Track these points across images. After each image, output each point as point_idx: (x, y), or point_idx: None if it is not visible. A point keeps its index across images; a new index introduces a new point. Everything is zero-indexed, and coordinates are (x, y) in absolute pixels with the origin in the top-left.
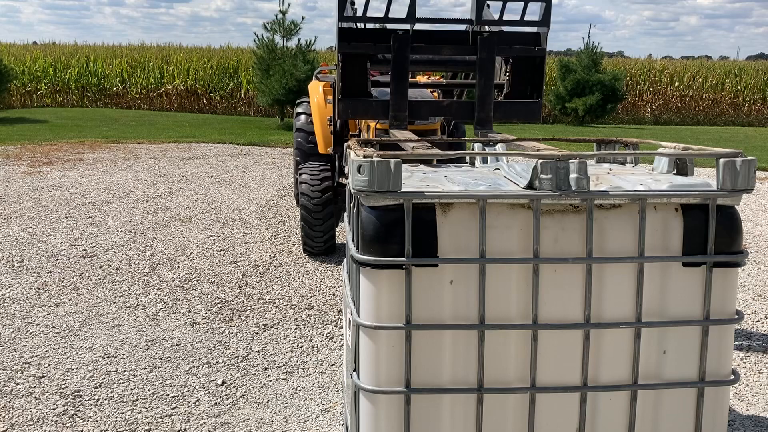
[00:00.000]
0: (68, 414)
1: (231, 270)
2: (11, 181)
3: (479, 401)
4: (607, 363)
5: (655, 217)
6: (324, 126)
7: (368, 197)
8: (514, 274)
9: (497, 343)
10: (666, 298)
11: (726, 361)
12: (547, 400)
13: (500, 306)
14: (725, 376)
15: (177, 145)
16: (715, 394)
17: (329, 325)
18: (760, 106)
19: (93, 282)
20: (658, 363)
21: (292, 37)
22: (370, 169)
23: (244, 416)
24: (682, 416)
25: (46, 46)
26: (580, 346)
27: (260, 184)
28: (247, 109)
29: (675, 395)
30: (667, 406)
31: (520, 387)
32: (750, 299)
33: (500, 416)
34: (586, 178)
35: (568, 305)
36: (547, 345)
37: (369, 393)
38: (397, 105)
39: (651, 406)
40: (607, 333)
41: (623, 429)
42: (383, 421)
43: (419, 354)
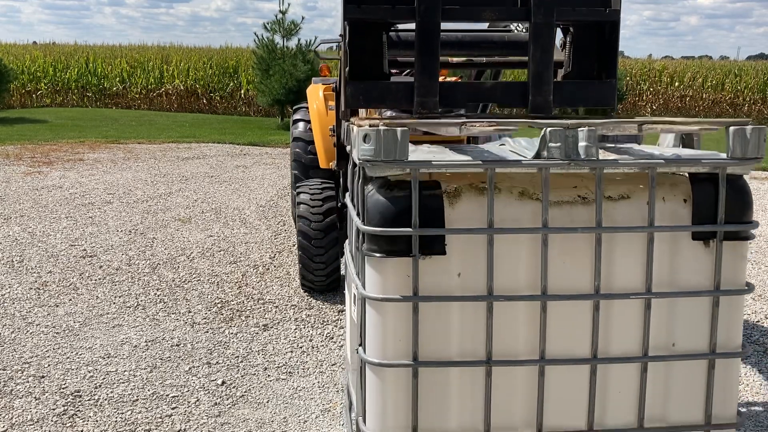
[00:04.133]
0: (68, 414)
1: (231, 270)
2: (11, 181)
3: (488, 374)
4: (617, 335)
5: (665, 190)
6: (325, 137)
7: (374, 167)
8: (523, 251)
9: (506, 316)
10: (676, 270)
11: (736, 333)
12: (556, 373)
13: (509, 278)
14: (735, 348)
15: (177, 145)
16: (725, 367)
17: (329, 325)
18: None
19: (93, 282)
20: (668, 335)
21: (292, 37)
22: (376, 138)
23: (244, 416)
24: (692, 388)
25: (46, 46)
26: (589, 317)
27: (260, 184)
28: (247, 109)
29: (685, 367)
30: (677, 378)
31: (529, 359)
32: (750, 299)
33: (509, 389)
34: (595, 146)
35: (578, 277)
36: (556, 317)
37: (376, 367)
38: (424, 88)
39: (661, 379)
40: (617, 305)
41: (634, 401)
42: (390, 395)
43: (427, 327)
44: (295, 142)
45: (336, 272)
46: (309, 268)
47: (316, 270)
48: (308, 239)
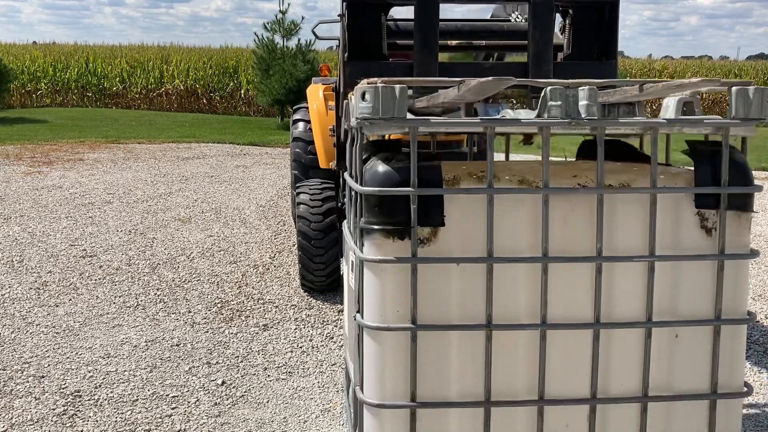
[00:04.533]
0: (68, 414)
1: (231, 270)
2: (11, 181)
3: (488, 338)
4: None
5: (666, 180)
6: (325, 137)
7: (372, 126)
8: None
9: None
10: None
11: (742, 300)
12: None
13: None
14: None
15: (177, 145)
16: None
17: (329, 325)
18: None
19: (93, 282)
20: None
21: (292, 37)
22: (374, 95)
23: (244, 416)
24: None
25: (46, 46)
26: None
27: (260, 184)
28: (247, 109)
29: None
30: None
31: (530, 323)
32: (750, 299)
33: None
34: (596, 105)
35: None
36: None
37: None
38: (424, 66)
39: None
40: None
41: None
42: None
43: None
44: (295, 142)
45: (336, 272)
46: (309, 269)
47: (316, 270)
48: (308, 239)
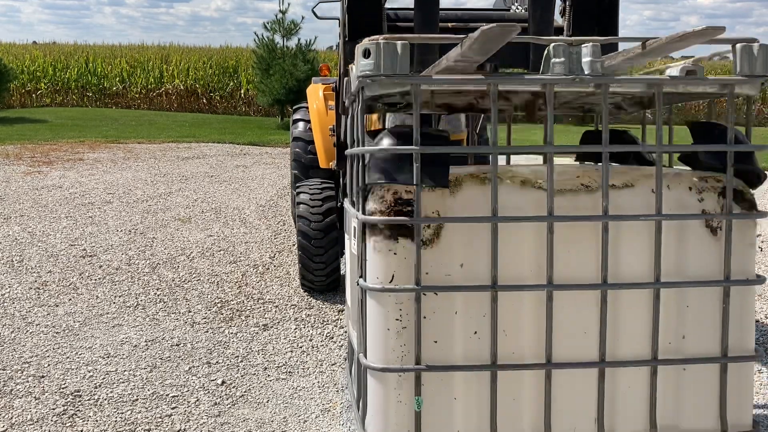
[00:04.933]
0: (68, 414)
1: (231, 270)
2: (11, 181)
3: (493, 299)
4: (626, 336)
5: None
6: (325, 136)
7: (374, 84)
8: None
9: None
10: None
11: (748, 334)
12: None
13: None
14: (748, 351)
15: (177, 145)
16: (738, 370)
17: (329, 324)
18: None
19: (93, 282)
20: (678, 337)
21: (292, 37)
22: (376, 52)
23: (243, 416)
24: (705, 393)
25: (46, 46)
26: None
27: (260, 184)
28: (247, 108)
29: (697, 371)
30: (689, 382)
31: (536, 284)
32: None
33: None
34: (600, 62)
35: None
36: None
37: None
38: (424, 45)
39: (672, 383)
40: (625, 302)
41: (644, 407)
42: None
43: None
44: (295, 141)
45: (336, 272)
46: (309, 268)
47: (316, 270)
48: (308, 239)
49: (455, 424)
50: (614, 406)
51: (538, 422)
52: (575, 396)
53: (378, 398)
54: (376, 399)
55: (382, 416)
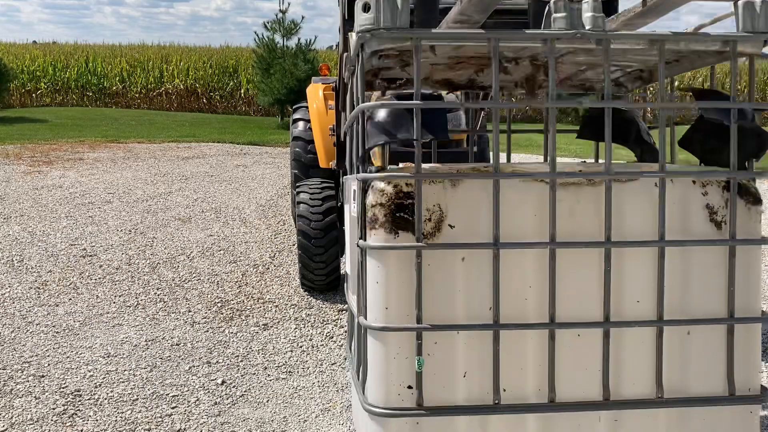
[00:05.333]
0: (68, 413)
1: (231, 269)
2: (11, 181)
3: (495, 257)
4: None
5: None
6: (325, 136)
7: (374, 39)
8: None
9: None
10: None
11: (755, 296)
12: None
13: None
14: (755, 313)
15: (177, 145)
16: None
17: (329, 324)
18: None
19: (93, 281)
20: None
21: (292, 37)
22: (376, 6)
23: (244, 416)
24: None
25: (46, 46)
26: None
27: (260, 184)
28: (247, 108)
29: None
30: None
31: (538, 242)
32: None
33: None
34: (601, 17)
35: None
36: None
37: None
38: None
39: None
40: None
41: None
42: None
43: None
44: (295, 141)
45: (336, 271)
46: (309, 267)
47: (316, 269)
48: (308, 238)
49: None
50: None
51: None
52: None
53: (378, 361)
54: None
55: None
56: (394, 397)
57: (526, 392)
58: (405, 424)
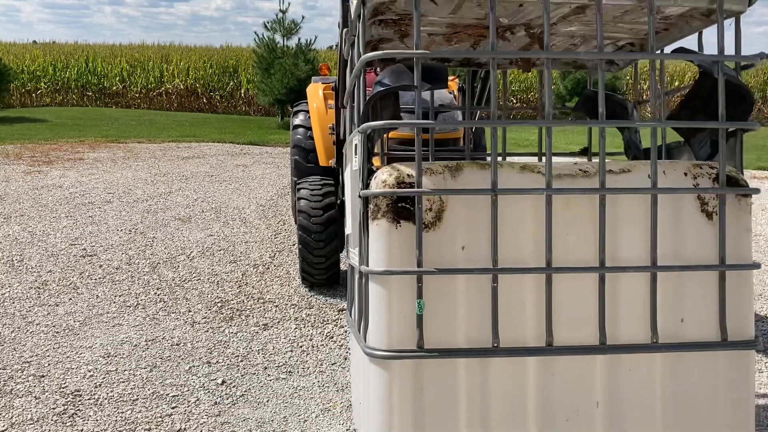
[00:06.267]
0: (68, 413)
1: (231, 269)
2: (11, 181)
3: (493, 203)
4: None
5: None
6: (325, 135)
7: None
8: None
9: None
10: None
11: (746, 245)
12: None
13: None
14: (746, 261)
15: (177, 145)
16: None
17: (329, 324)
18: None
19: (93, 281)
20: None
21: (293, 37)
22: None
23: (244, 416)
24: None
25: (46, 46)
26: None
27: (260, 184)
28: (247, 108)
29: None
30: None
31: (536, 188)
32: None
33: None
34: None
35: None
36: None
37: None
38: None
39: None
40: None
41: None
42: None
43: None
44: (296, 129)
45: (335, 266)
46: (309, 262)
47: (316, 263)
48: (308, 233)
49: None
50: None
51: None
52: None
53: (380, 306)
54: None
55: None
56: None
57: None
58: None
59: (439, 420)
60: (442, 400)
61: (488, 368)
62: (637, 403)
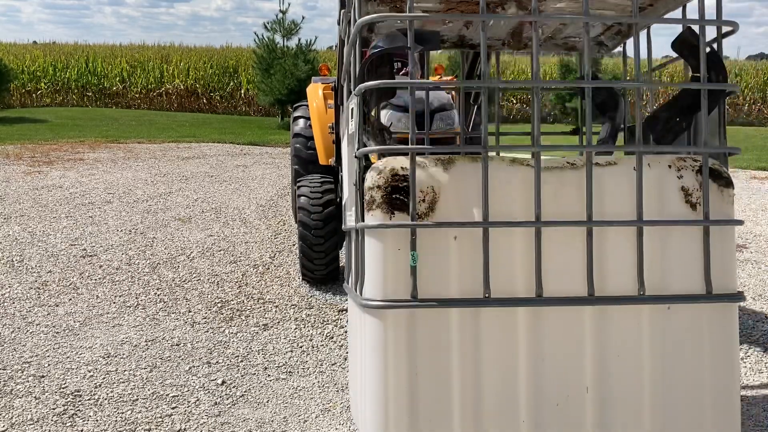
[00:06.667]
0: (68, 414)
1: (231, 270)
2: (11, 181)
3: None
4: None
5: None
6: (325, 134)
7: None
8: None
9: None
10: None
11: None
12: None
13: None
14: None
15: (177, 145)
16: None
17: (329, 324)
18: (760, 106)
19: (93, 282)
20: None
21: (293, 37)
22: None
23: (244, 416)
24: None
25: (46, 46)
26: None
27: (260, 184)
28: (247, 108)
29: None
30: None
31: (525, 145)
32: (750, 299)
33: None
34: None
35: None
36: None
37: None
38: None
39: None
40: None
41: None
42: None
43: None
44: (297, 119)
45: (335, 262)
46: (309, 257)
47: (316, 259)
48: (308, 229)
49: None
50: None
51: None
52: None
53: (375, 258)
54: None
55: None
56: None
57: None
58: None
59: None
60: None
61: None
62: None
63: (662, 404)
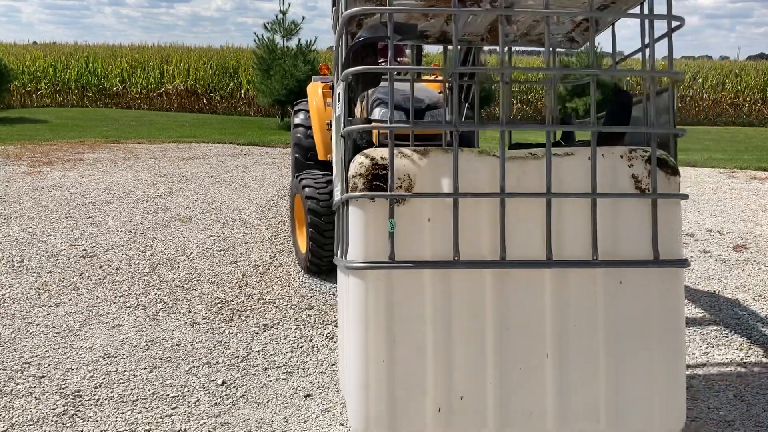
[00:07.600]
0: (68, 414)
1: (231, 270)
2: (11, 181)
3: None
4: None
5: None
6: (324, 131)
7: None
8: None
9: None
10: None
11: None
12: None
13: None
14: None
15: (177, 145)
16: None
17: (329, 325)
18: (760, 106)
19: (93, 282)
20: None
21: (293, 37)
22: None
23: (244, 416)
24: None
25: (46, 46)
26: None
27: (260, 184)
28: (247, 109)
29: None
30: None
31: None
32: (750, 299)
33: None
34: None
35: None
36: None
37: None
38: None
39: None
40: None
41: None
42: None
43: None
44: (298, 113)
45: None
46: (319, 244)
47: (326, 245)
48: (318, 215)
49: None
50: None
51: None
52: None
53: (358, 227)
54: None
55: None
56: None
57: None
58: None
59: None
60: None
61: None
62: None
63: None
